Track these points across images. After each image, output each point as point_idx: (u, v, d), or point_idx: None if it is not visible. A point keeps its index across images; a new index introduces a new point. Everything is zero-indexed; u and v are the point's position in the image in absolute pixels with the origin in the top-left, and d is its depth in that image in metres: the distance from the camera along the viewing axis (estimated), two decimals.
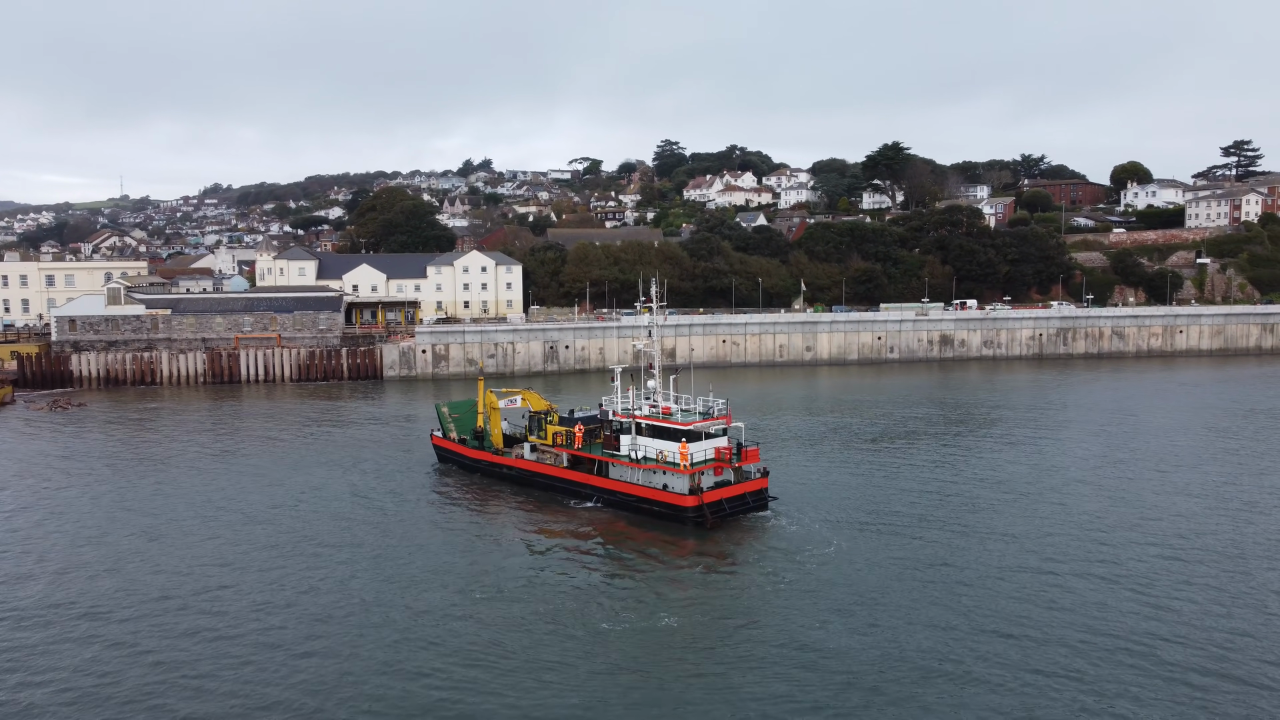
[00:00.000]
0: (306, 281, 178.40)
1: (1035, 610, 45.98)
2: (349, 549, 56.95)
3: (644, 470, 62.05)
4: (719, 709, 36.58)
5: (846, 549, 55.04)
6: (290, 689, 38.73)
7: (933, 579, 50.34)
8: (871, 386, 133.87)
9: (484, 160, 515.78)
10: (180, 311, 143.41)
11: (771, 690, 38.03)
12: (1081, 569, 51.93)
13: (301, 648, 42.67)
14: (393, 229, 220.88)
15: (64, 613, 47.10)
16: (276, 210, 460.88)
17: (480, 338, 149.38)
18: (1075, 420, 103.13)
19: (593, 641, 42.85)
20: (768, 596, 48.28)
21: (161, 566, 54.22)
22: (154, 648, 43.04)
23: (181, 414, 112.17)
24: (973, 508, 64.69)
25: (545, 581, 50.89)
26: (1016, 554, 54.50)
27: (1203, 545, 56.23)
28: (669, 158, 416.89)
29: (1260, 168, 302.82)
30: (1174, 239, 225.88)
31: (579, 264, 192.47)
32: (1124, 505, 65.57)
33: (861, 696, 37.46)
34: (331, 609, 47.34)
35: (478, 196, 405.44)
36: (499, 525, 62.32)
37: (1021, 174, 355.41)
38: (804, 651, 41.55)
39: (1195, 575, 51.20)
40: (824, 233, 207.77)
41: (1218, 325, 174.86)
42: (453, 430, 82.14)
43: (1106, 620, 44.79)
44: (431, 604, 47.70)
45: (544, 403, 77.64)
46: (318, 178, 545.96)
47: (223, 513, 65.43)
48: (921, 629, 43.82)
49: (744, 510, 61.08)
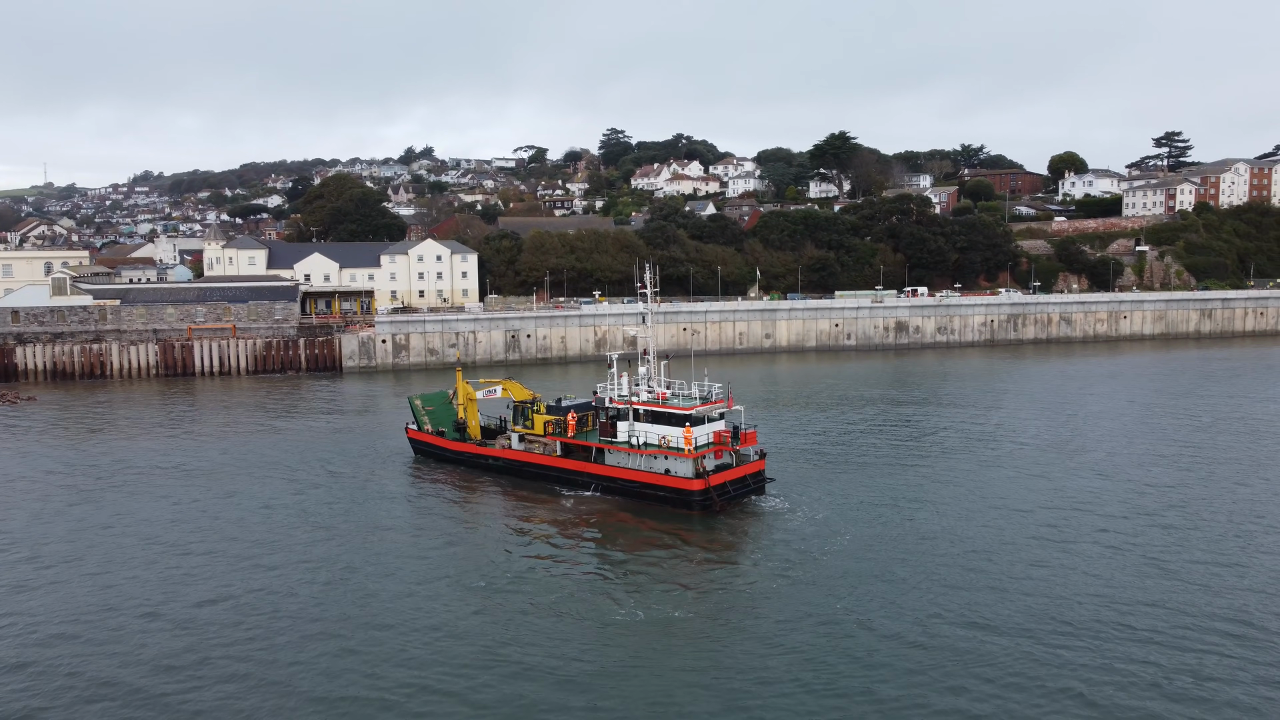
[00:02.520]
0: (257, 271, 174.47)
1: (1051, 578, 47.10)
2: (333, 545, 55.89)
3: (645, 456, 61.97)
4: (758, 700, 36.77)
5: (850, 528, 55.66)
6: (290, 695, 37.88)
7: (946, 555, 51.07)
8: (833, 373, 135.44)
9: (426, 148, 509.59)
10: (130, 302, 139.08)
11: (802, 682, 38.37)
12: (1055, 528, 53.29)
13: (302, 648, 41.82)
14: (341, 217, 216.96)
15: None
16: (212, 198, 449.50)
17: (441, 327, 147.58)
18: (1020, 394, 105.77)
19: (609, 632, 42.68)
20: (780, 584, 48.57)
21: (139, 577, 52.62)
22: (139, 663, 41.77)
23: (135, 407, 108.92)
24: (969, 484, 65.89)
25: (549, 572, 50.40)
26: (1026, 528, 55.71)
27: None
28: (615, 146, 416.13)
29: (1190, 158, 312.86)
30: (1113, 227, 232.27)
31: (535, 253, 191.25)
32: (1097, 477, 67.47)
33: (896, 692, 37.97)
34: (332, 610, 46.47)
35: (422, 185, 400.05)
36: (494, 518, 61.69)
37: (961, 164, 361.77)
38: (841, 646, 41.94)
39: (1247, 558, 52.84)
40: (778, 221, 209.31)
41: (1159, 311, 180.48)
42: (427, 423, 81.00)
43: (1090, 572, 46.06)
44: (440, 600, 47.11)
45: (527, 392, 76.95)
46: (253, 165, 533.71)
47: (190, 525, 62.08)
48: (952, 614, 44.50)
49: (745, 493, 61.54)
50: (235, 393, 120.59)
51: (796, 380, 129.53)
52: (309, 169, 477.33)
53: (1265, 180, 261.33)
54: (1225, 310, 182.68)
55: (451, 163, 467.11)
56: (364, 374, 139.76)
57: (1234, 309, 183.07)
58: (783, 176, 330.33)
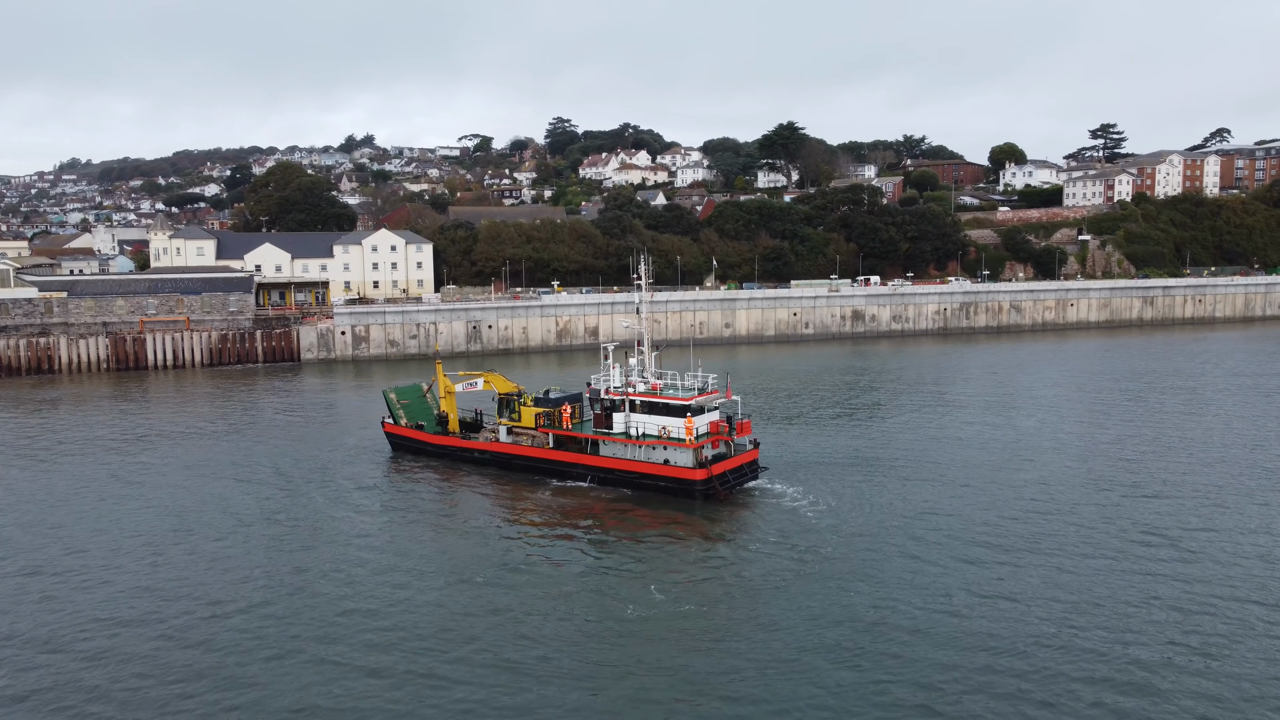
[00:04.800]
0: (206, 262, 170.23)
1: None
2: (338, 547, 54.98)
3: (644, 447, 61.97)
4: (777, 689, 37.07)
5: (848, 514, 56.36)
6: (291, 696, 37.23)
7: (946, 530, 52.02)
8: (793, 361, 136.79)
9: (366, 136, 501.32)
10: (77, 294, 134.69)
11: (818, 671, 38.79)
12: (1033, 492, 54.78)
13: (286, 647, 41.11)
14: (289, 206, 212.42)
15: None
16: (145, 187, 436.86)
17: (401, 318, 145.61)
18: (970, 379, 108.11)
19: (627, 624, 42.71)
20: (790, 574, 48.99)
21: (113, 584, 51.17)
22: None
23: (87, 404, 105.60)
24: (960, 467, 67.17)
25: (553, 566, 49.99)
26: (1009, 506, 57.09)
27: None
28: (561, 135, 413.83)
29: (1124, 149, 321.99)
30: (1056, 217, 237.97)
31: (491, 243, 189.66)
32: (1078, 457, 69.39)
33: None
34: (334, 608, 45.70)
35: (365, 173, 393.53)
36: (486, 514, 60.92)
37: (904, 154, 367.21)
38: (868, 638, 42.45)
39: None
40: (733, 211, 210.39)
41: (1104, 299, 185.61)
42: (403, 417, 79.84)
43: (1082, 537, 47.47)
44: (452, 596, 46.63)
45: (510, 384, 76.18)
46: (187, 153, 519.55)
47: (169, 531, 60.54)
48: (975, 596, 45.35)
49: (742, 481, 62.05)
50: (192, 386, 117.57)
51: (758, 370, 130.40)
52: (246, 157, 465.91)
53: (1198, 171, 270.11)
54: (1166, 298, 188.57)
55: (394, 151, 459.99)
56: (323, 366, 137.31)
57: (1174, 296, 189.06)
58: (731, 166, 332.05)
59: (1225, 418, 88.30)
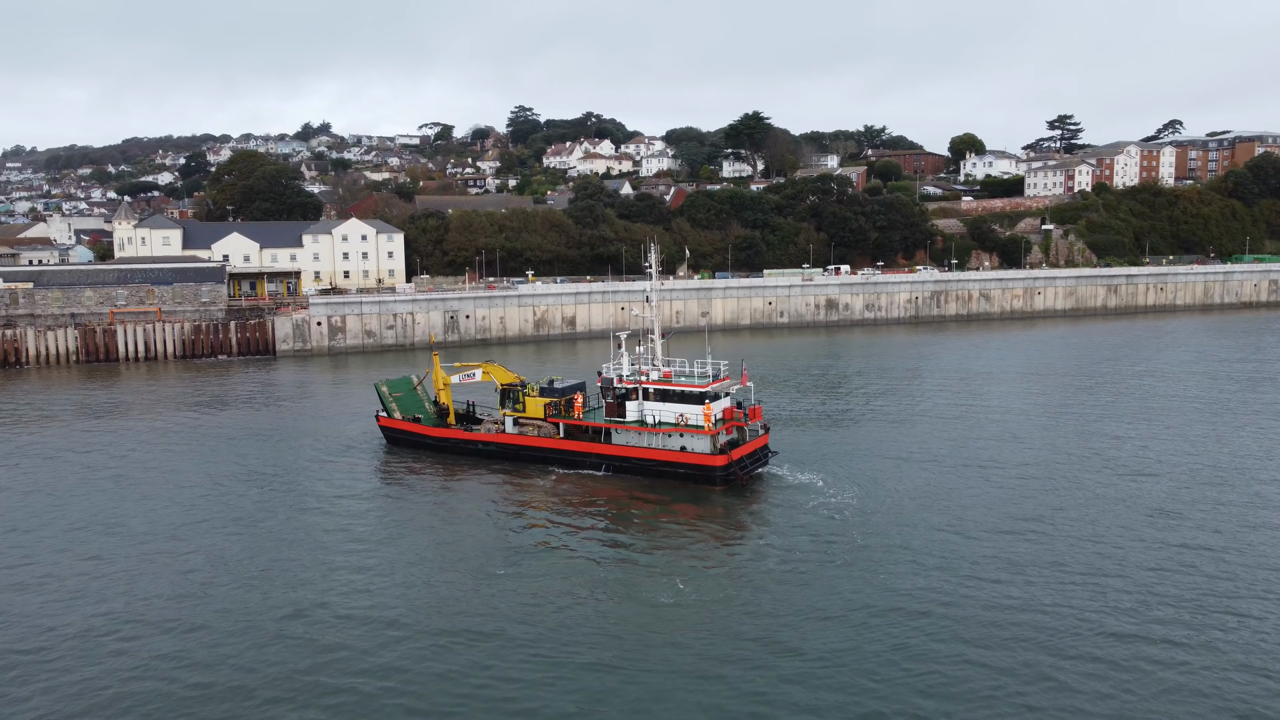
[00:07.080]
0: (172, 252, 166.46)
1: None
2: (354, 548, 54.26)
3: (660, 434, 61.91)
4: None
5: (862, 499, 56.89)
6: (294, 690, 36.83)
7: (954, 513, 52.70)
8: (771, 349, 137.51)
9: (323, 124, 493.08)
10: (44, 285, 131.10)
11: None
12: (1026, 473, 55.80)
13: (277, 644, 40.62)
14: (254, 195, 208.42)
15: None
16: (95, 175, 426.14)
17: (378, 309, 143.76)
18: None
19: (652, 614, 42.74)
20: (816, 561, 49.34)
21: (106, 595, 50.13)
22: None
23: (58, 398, 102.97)
24: (987, 462, 68.04)
25: (571, 556, 49.88)
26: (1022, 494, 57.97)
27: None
28: (523, 124, 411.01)
29: (1081, 140, 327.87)
30: (1019, 207, 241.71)
31: (463, 232, 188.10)
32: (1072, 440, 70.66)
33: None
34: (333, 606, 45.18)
35: (324, 162, 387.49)
36: (494, 504, 60.50)
37: (865, 144, 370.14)
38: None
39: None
40: (704, 200, 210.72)
41: (1070, 287, 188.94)
42: (396, 410, 78.68)
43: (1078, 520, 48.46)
44: (472, 589, 46.28)
45: (511, 375, 75.51)
46: (137, 140, 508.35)
47: (165, 536, 59.18)
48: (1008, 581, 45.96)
49: (757, 466, 62.45)
50: (166, 380, 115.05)
51: (741, 356, 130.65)
52: (199, 144, 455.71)
53: (1154, 162, 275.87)
54: (1129, 286, 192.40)
55: (353, 139, 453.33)
56: (299, 357, 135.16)
57: (1137, 285, 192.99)
58: (695, 156, 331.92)
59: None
